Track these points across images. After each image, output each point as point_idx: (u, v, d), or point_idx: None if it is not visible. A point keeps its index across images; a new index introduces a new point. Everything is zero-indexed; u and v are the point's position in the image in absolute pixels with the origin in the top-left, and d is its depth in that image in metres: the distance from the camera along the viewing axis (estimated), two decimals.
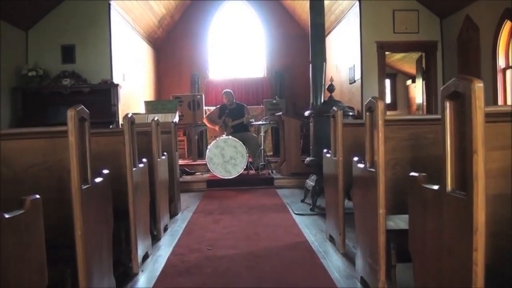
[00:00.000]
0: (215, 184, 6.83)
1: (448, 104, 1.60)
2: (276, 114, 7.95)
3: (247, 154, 6.81)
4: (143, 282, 2.87)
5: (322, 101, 5.31)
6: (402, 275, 2.41)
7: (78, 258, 2.02)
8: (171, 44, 11.23)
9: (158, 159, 3.98)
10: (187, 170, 7.71)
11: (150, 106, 7.98)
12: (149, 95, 10.18)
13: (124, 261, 3.11)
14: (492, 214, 1.57)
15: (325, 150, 3.71)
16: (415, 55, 9.23)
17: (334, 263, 3.09)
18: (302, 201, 5.42)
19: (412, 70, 10.71)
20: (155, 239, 3.87)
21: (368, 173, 2.42)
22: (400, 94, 12.71)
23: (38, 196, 1.65)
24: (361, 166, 2.56)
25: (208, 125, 7.87)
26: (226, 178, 6.73)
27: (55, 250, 2.53)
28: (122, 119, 3.64)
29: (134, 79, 8.85)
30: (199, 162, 8.10)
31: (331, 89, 5.04)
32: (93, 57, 7.30)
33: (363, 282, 2.64)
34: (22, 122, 6.66)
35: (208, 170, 7.06)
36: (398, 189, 2.45)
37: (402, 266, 2.39)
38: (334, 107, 3.41)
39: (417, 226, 1.90)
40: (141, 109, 8.53)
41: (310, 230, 4.05)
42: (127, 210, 2.99)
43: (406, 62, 10.84)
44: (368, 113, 2.41)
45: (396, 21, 7.58)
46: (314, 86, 5.40)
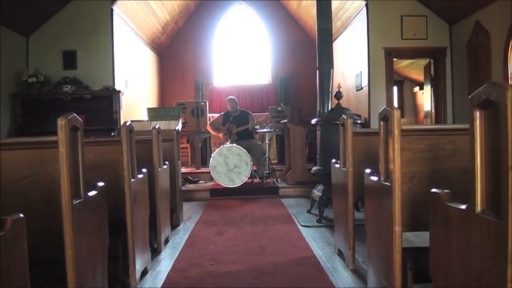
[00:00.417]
0: (219, 193, 6.66)
1: (478, 113, 1.43)
2: (281, 122, 7.79)
3: (252, 162, 6.65)
4: None
5: (329, 108, 5.14)
6: None
7: (69, 280, 1.86)
8: (175, 50, 11.12)
9: (159, 169, 3.82)
10: (190, 178, 7.55)
11: (153, 113, 7.84)
12: (152, 102, 10.04)
13: (121, 277, 2.94)
14: None
15: (333, 160, 3.54)
16: (423, 62, 9.06)
17: (343, 281, 2.90)
18: (308, 211, 5.24)
19: (419, 76, 10.55)
20: (155, 252, 3.70)
21: (382, 186, 2.25)
22: (407, 101, 12.53)
23: (21, 215, 1.49)
24: (374, 179, 2.39)
25: (212, 132, 7.73)
26: (230, 187, 6.57)
27: (46, 268, 2.38)
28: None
29: (137, 86, 8.72)
30: (203, 170, 7.94)
31: (339, 96, 4.87)
32: (95, 63, 7.17)
33: None
34: (21, 129, 6.52)
35: (211, 179, 6.90)
36: (415, 204, 2.28)
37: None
38: (343, 115, 3.24)
39: (439, 246, 1.73)
40: (143, 116, 8.39)
41: (318, 243, 3.86)
42: (126, 223, 2.82)
43: (413, 68, 10.68)
44: (382, 122, 2.23)
45: (404, 27, 7.42)
46: (321, 93, 5.24)
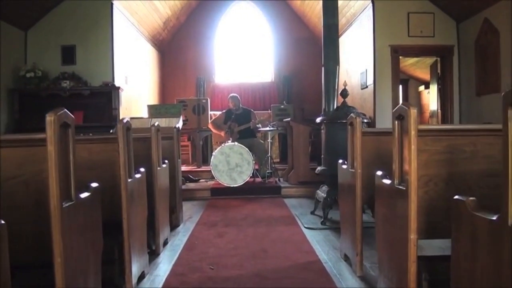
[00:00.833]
0: (220, 192, 6.51)
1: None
2: (284, 120, 7.63)
3: (253, 161, 6.50)
4: None
5: (335, 107, 4.98)
6: None
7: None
8: (176, 46, 10.96)
9: (158, 168, 3.67)
10: (191, 177, 7.40)
11: (153, 110, 7.68)
12: (152, 99, 9.88)
13: (117, 282, 2.80)
14: None
15: (340, 161, 3.38)
16: (429, 60, 8.90)
17: None
18: (312, 213, 5.09)
19: (425, 75, 10.38)
20: (154, 255, 3.55)
21: (396, 190, 2.10)
22: (412, 100, 12.33)
23: (2, 221, 1.35)
24: (387, 182, 2.23)
25: (213, 130, 7.58)
26: (231, 186, 6.42)
27: (37, 272, 2.23)
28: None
29: (137, 82, 8.56)
30: (204, 168, 7.79)
31: (345, 94, 4.71)
32: (94, 58, 7.02)
33: None
34: (19, 125, 6.38)
35: (212, 177, 6.75)
36: (430, 210, 2.13)
37: None
38: (351, 113, 3.08)
39: (463, 259, 1.58)
40: (143, 113, 8.24)
41: (322, 247, 3.71)
42: (122, 224, 2.68)
43: (418, 67, 10.50)
44: (397, 121, 2.08)
45: (411, 24, 7.25)
46: (326, 91, 5.07)
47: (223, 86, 11.15)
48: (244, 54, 11.58)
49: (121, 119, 2.72)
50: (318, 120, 4.89)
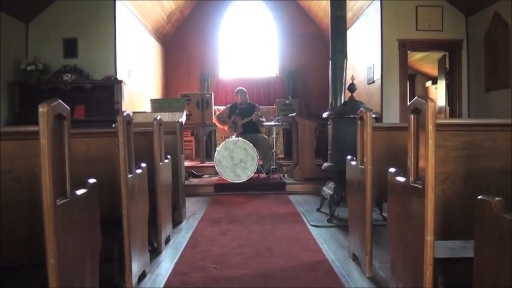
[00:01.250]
0: (224, 188, 6.41)
1: None
2: (289, 115, 7.50)
3: (258, 157, 6.38)
4: None
5: (342, 101, 4.85)
6: None
7: None
8: (180, 40, 10.83)
9: (161, 163, 3.56)
10: (195, 172, 7.30)
11: (157, 105, 7.57)
12: (156, 93, 9.77)
13: (117, 281, 2.69)
14: None
15: (349, 157, 3.25)
16: (436, 55, 8.73)
17: None
18: (318, 210, 4.98)
19: (432, 70, 10.22)
20: (156, 253, 3.45)
21: (411, 188, 1.97)
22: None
23: None
24: (401, 179, 2.11)
25: (218, 125, 7.48)
26: (235, 182, 6.31)
27: (31, 272, 2.13)
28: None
29: (140, 76, 8.45)
30: (207, 164, 7.69)
31: (353, 88, 4.57)
32: (96, 51, 6.89)
33: None
34: (19, 119, 6.28)
35: (216, 173, 6.64)
36: (447, 209, 2.01)
37: None
38: (361, 108, 2.95)
39: (488, 263, 1.46)
40: (147, 108, 8.13)
41: (330, 245, 3.60)
42: (121, 221, 2.57)
43: (426, 62, 10.33)
44: (413, 115, 1.95)
45: (419, 17, 7.09)
46: (333, 85, 4.95)
47: (227, 81, 11.03)
48: (248, 49, 11.43)
49: (121, 112, 2.60)
50: (325, 115, 4.76)
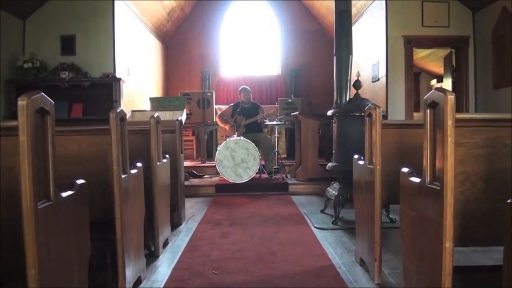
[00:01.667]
0: (225, 189, 6.24)
1: None
2: (292, 114, 7.33)
3: (260, 157, 6.22)
4: None
5: (348, 99, 4.68)
6: None
7: None
8: (181, 38, 10.68)
9: (158, 163, 3.39)
10: (195, 172, 7.14)
11: (156, 103, 7.41)
12: (156, 92, 9.61)
13: None
14: None
15: (356, 156, 3.08)
16: (442, 52, 8.56)
17: None
18: (322, 211, 4.81)
19: (437, 68, 10.04)
20: (153, 257, 3.29)
21: (427, 190, 1.80)
22: (423, 94, 11.87)
23: None
24: (415, 180, 1.94)
25: (220, 124, 7.31)
26: (237, 182, 6.15)
27: (14, 278, 1.97)
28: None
29: (140, 75, 8.29)
30: (209, 164, 7.52)
31: (358, 85, 4.40)
32: (94, 49, 6.75)
33: None
34: (16, 116, 6.11)
35: (217, 173, 6.48)
36: (467, 213, 1.84)
37: None
38: (370, 104, 2.78)
39: None
40: (146, 106, 7.97)
41: (335, 249, 3.43)
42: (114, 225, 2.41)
43: (431, 60, 10.15)
44: (429, 109, 1.78)
45: (425, 13, 6.92)
46: (338, 82, 4.77)
47: (229, 79, 10.88)
48: (250, 47, 11.27)
49: (114, 109, 2.44)
50: (330, 113, 4.59)
